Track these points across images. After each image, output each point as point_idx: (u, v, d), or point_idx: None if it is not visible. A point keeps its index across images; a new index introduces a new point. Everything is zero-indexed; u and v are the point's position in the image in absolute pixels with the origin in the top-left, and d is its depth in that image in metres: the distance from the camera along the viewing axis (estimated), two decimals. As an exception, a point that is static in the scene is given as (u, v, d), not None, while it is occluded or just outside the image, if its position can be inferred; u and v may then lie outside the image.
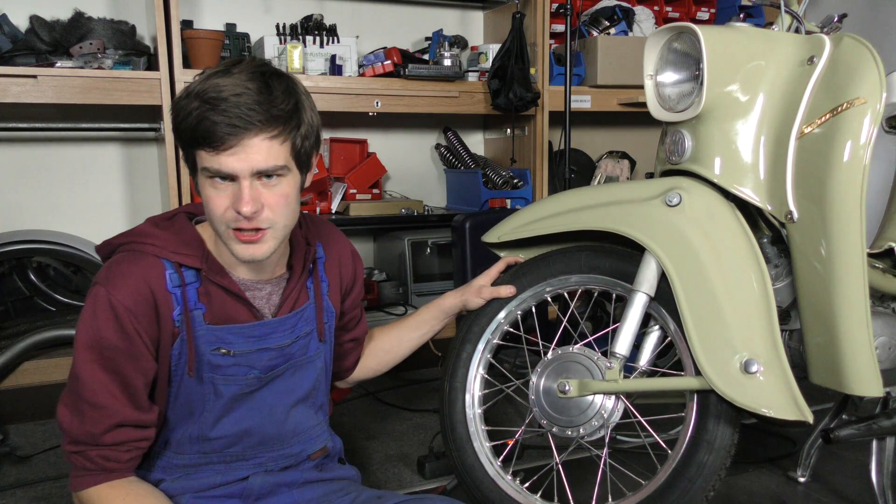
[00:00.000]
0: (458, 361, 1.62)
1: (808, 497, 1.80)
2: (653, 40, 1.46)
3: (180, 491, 1.21)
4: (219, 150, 1.05)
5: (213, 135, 1.04)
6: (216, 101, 1.03)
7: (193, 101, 1.05)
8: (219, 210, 1.08)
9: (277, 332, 1.22)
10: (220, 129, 1.03)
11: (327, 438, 1.36)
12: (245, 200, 1.06)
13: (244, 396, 1.22)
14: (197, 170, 1.10)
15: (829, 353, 1.39)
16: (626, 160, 3.23)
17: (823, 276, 1.36)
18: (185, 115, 1.06)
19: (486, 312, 1.60)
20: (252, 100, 1.04)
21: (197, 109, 1.04)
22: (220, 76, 1.06)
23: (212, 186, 1.08)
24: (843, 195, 1.31)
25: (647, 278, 1.40)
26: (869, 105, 1.29)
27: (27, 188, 2.53)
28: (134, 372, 1.11)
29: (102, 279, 1.11)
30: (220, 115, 1.03)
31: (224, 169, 1.06)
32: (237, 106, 1.03)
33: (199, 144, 1.06)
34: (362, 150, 2.87)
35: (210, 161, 1.06)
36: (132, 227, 1.19)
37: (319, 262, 1.32)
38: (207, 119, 1.04)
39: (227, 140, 1.04)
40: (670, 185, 1.42)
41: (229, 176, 1.07)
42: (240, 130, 1.04)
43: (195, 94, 1.06)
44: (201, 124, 1.04)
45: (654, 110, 1.47)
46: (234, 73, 1.06)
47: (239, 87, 1.04)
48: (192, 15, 2.65)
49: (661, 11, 3.19)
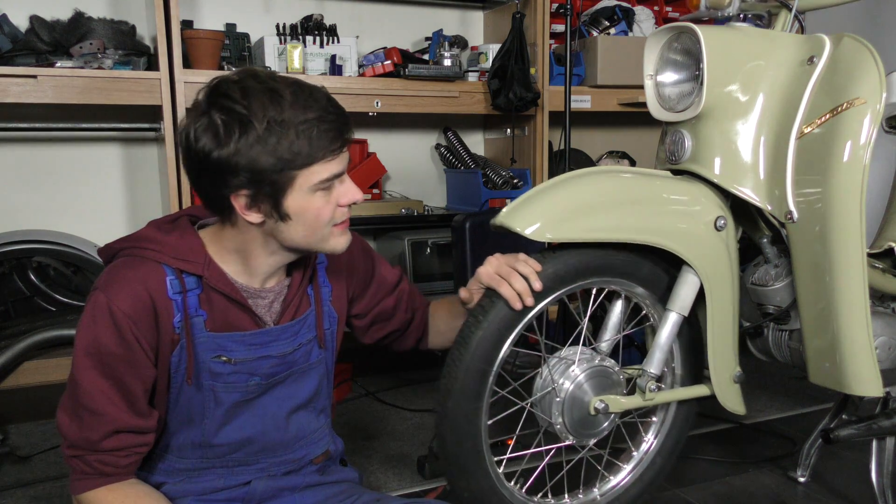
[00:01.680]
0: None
1: (808, 497, 1.80)
2: (653, 40, 1.46)
3: (182, 494, 1.21)
4: (337, 155, 1.10)
5: (332, 144, 1.08)
6: (312, 118, 1.06)
7: (287, 129, 1.04)
8: (329, 214, 1.13)
9: (280, 339, 1.21)
10: (334, 136, 1.08)
11: (329, 442, 1.36)
12: (356, 189, 1.15)
13: (245, 403, 1.21)
14: (285, 195, 1.08)
15: (829, 353, 1.39)
16: (626, 160, 3.23)
17: (823, 276, 1.36)
18: (290, 144, 1.05)
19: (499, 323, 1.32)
20: (330, 104, 1.10)
21: (304, 132, 1.05)
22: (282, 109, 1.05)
23: (322, 197, 1.11)
24: (843, 195, 1.31)
25: (682, 298, 1.41)
26: (869, 105, 1.30)
27: (27, 188, 2.53)
28: (133, 379, 1.11)
29: (102, 285, 1.10)
30: (327, 123, 1.07)
31: (340, 169, 1.11)
32: (329, 112, 1.08)
33: (314, 161, 1.07)
34: (362, 150, 2.87)
35: (330, 168, 1.10)
36: (134, 231, 1.18)
37: (321, 267, 1.31)
38: (319, 131, 1.07)
39: (343, 140, 1.10)
40: (713, 205, 1.40)
41: (340, 176, 1.12)
42: (347, 127, 1.11)
43: (283, 124, 1.04)
44: (319, 140, 1.07)
45: (654, 110, 1.47)
46: (286, 94, 1.06)
47: (315, 99, 1.08)
48: (192, 15, 2.65)
49: (661, 11, 3.19)
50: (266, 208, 1.09)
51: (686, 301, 1.41)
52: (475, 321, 1.30)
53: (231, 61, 2.56)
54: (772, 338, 1.60)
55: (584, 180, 1.33)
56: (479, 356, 1.29)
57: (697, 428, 2.20)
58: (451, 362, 1.31)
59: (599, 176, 1.34)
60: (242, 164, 1.04)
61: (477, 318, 1.30)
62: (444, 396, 1.31)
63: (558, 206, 1.29)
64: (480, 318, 1.29)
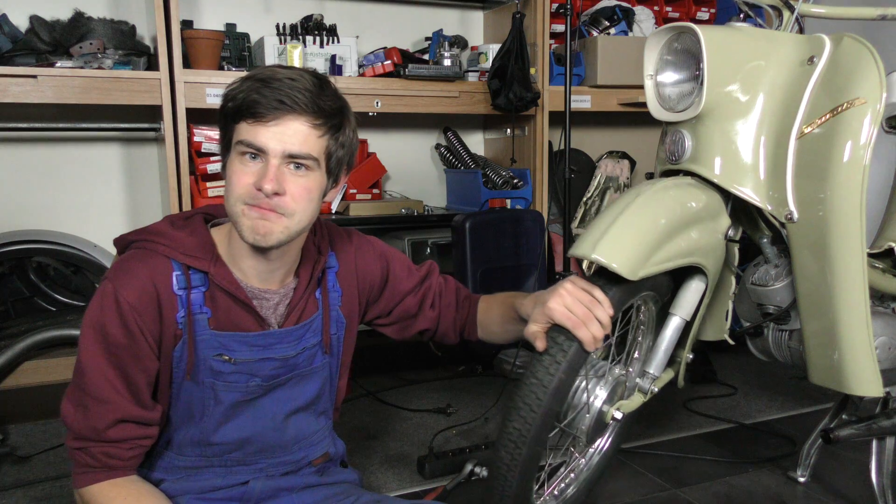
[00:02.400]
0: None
1: (808, 497, 1.80)
2: (653, 40, 1.46)
3: (181, 492, 1.21)
4: (259, 121, 1.07)
5: (258, 106, 1.07)
6: (270, 80, 1.08)
7: (248, 81, 1.09)
8: (240, 186, 1.09)
9: (283, 342, 1.22)
10: (268, 102, 1.07)
11: (329, 444, 1.36)
12: (269, 178, 1.07)
13: (245, 404, 1.22)
14: (230, 149, 1.11)
15: (829, 353, 1.39)
16: (626, 160, 3.23)
17: (823, 276, 1.36)
18: (237, 92, 1.09)
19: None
20: (304, 86, 1.09)
21: (250, 86, 1.08)
22: (278, 67, 1.11)
23: (240, 163, 1.09)
24: (843, 195, 1.31)
25: (689, 303, 1.41)
26: (869, 105, 1.29)
27: (27, 188, 2.53)
28: (136, 370, 1.12)
29: (111, 275, 1.12)
30: (271, 90, 1.07)
31: (259, 141, 1.07)
32: (289, 87, 1.07)
33: (242, 116, 1.08)
34: (362, 150, 2.87)
35: (247, 133, 1.08)
36: (150, 224, 1.20)
37: (331, 271, 1.31)
38: (258, 93, 1.07)
39: (271, 113, 1.07)
40: (725, 214, 1.40)
41: (261, 151, 1.08)
42: (285, 107, 1.07)
43: (250, 77, 1.10)
44: (250, 96, 1.07)
45: (654, 110, 1.47)
46: (294, 68, 1.12)
47: (295, 74, 1.09)
48: (192, 15, 2.65)
49: (661, 11, 3.19)
50: (223, 165, 1.15)
51: (692, 306, 1.41)
52: (555, 363, 1.21)
53: (231, 61, 2.56)
54: (772, 338, 1.60)
55: (649, 205, 1.31)
56: (557, 399, 1.23)
57: (697, 428, 2.20)
58: (526, 406, 1.21)
59: (657, 197, 1.32)
60: (221, 104, 1.13)
61: (556, 360, 1.22)
62: (518, 444, 1.22)
63: (636, 239, 1.26)
64: (560, 361, 1.21)
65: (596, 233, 1.25)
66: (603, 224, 1.27)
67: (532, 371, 1.22)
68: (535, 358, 1.23)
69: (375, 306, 1.40)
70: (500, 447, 1.24)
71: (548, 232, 2.89)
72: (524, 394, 1.21)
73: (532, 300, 1.27)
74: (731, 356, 2.83)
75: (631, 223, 1.26)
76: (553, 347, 1.21)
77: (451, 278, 1.47)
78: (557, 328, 1.22)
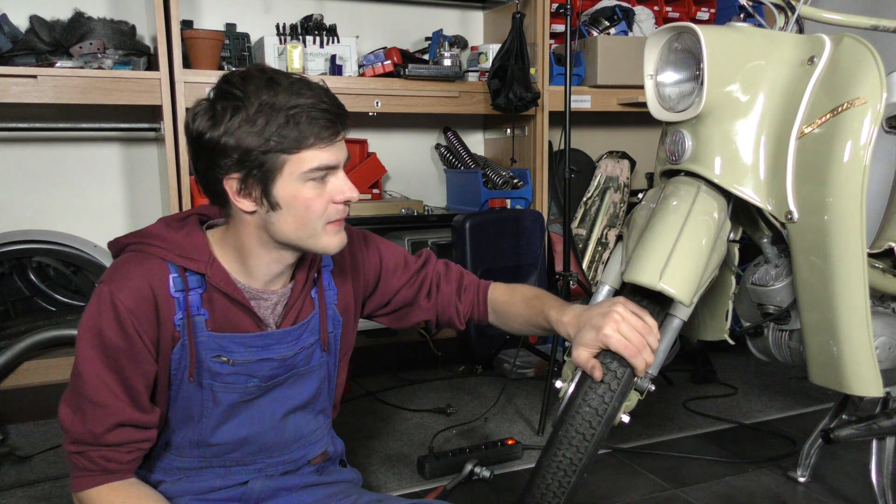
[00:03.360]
0: None
1: (808, 497, 1.80)
2: (653, 40, 1.46)
3: (180, 493, 1.21)
4: (329, 144, 1.08)
5: (324, 131, 1.07)
6: (305, 104, 1.06)
7: (276, 114, 1.05)
8: (320, 208, 1.10)
9: (281, 343, 1.21)
10: (326, 123, 1.07)
11: (328, 442, 1.36)
12: (350, 187, 1.12)
13: (243, 404, 1.21)
14: (274, 182, 1.08)
15: (829, 353, 1.39)
16: (626, 160, 3.23)
17: (823, 276, 1.36)
18: (279, 128, 1.05)
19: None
20: (327, 95, 1.09)
21: (294, 117, 1.05)
22: (276, 94, 1.06)
23: (312, 188, 1.09)
24: (843, 195, 1.31)
25: (686, 306, 1.40)
26: (869, 105, 1.29)
27: (27, 188, 2.53)
28: (134, 373, 1.11)
29: (107, 278, 1.12)
30: (320, 113, 1.06)
31: (333, 161, 1.09)
32: (324, 102, 1.07)
33: (303, 147, 1.06)
34: (362, 150, 2.87)
35: (320, 158, 1.08)
36: (144, 227, 1.19)
37: (326, 270, 1.30)
38: (312, 119, 1.06)
39: (335, 133, 1.08)
40: (728, 219, 1.41)
41: (332, 169, 1.09)
42: (339, 123, 1.09)
43: (273, 108, 1.05)
44: (308, 126, 1.05)
45: (654, 110, 1.47)
46: (282, 82, 1.07)
47: (312, 88, 1.08)
48: (192, 15, 2.65)
49: (661, 11, 3.19)
50: (256, 195, 1.09)
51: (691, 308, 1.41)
52: (609, 392, 1.20)
53: (231, 61, 2.56)
54: (772, 338, 1.60)
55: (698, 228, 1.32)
56: (608, 426, 1.22)
57: (697, 428, 2.20)
58: (580, 436, 1.20)
59: (700, 219, 1.33)
60: (231, 144, 1.05)
61: (611, 388, 1.20)
62: (568, 472, 1.21)
63: (692, 266, 1.28)
64: (614, 389, 1.20)
65: (657, 259, 1.26)
66: (662, 249, 1.27)
67: (586, 399, 1.20)
68: (590, 386, 1.20)
69: (371, 301, 1.40)
70: (548, 474, 1.22)
71: (548, 232, 2.89)
72: (578, 423, 1.20)
73: (572, 317, 1.23)
74: (731, 356, 2.82)
75: (687, 251, 1.28)
76: (607, 375, 1.19)
77: (453, 265, 1.45)
78: (609, 354, 1.19)
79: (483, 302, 1.42)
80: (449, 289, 1.41)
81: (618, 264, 1.48)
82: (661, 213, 1.35)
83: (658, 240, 1.29)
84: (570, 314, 1.24)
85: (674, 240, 1.28)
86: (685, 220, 1.31)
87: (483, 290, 1.42)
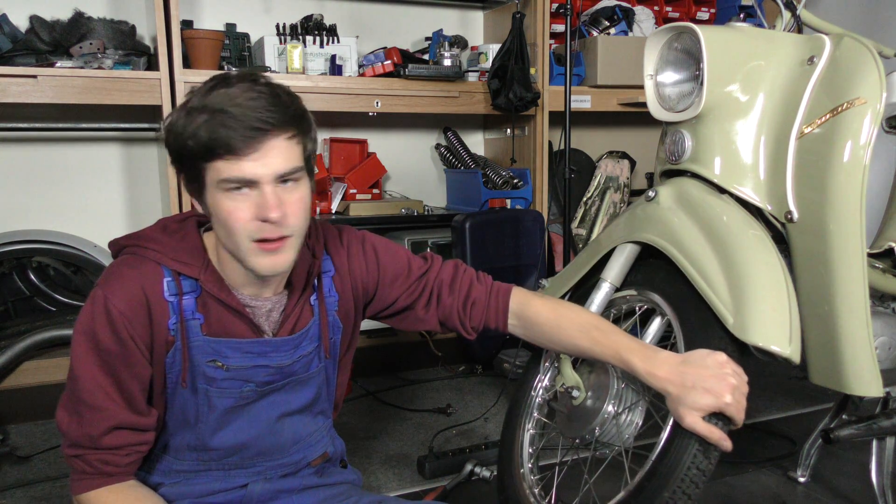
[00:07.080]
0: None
1: (808, 497, 1.80)
2: (653, 40, 1.46)
3: (179, 496, 1.20)
4: (241, 156, 1.02)
5: (232, 140, 1.01)
6: (226, 108, 1.01)
7: (199, 115, 1.02)
8: (241, 222, 1.05)
9: (279, 351, 1.20)
10: (239, 133, 1.01)
11: (328, 443, 1.34)
12: (272, 205, 1.03)
13: (239, 409, 1.20)
14: (204, 187, 1.06)
15: (829, 353, 1.39)
16: (626, 160, 3.23)
17: (823, 275, 1.36)
18: (194, 131, 1.02)
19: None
20: (268, 102, 1.03)
21: (208, 121, 1.01)
22: (220, 88, 1.04)
23: (230, 199, 1.04)
24: (843, 195, 1.31)
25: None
26: (869, 105, 1.29)
27: (27, 188, 2.53)
28: (129, 376, 1.11)
29: (102, 281, 1.11)
30: (236, 121, 1.01)
31: (247, 175, 1.02)
32: (254, 110, 1.01)
33: (215, 156, 1.03)
34: (362, 150, 2.87)
35: (230, 170, 1.02)
36: (142, 228, 1.19)
37: (327, 276, 1.28)
38: (224, 126, 1.01)
39: (249, 144, 1.01)
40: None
41: (251, 183, 1.04)
42: (261, 133, 1.02)
43: (199, 109, 1.03)
44: (216, 134, 1.01)
45: (654, 110, 1.47)
46: (233, 83, 1.05)
47: (250, 93, 1.03)
48: (192, 15, 2.65)
49: (661, 11, 3.19)
50: (196, 197, 1.11)
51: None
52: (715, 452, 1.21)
53: (231, 61, 2.56)
54: (772, 338, 1.60)
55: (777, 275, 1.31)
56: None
57: (697, 428, 2.20)
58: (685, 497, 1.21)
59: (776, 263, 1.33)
60: (168, 141, 1.08)
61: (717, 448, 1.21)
62: None
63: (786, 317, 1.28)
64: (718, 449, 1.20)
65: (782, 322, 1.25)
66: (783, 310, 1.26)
67: (696, 462, 1.20)
68: (702, 450, 1.19)
69: (370, 307, 1.37)
70: None
71: (548, 232, 2.89)
72: (686, 485, 1.20)
73: (670, 373, 1.18)
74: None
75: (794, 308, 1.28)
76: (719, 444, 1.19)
77: (463, 272, 1.37)
78: (715, 414, 1.18)
79: (504, 312, 1.34)
80: (452, 300, 1.34)
81: (619, 262, 1.48)
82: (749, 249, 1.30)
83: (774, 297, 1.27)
84: (665, 368, 1.19)
85: (787, 299, 1.27)
86: (779, 261, 1.30)
87: (503, 299, 1.35)
